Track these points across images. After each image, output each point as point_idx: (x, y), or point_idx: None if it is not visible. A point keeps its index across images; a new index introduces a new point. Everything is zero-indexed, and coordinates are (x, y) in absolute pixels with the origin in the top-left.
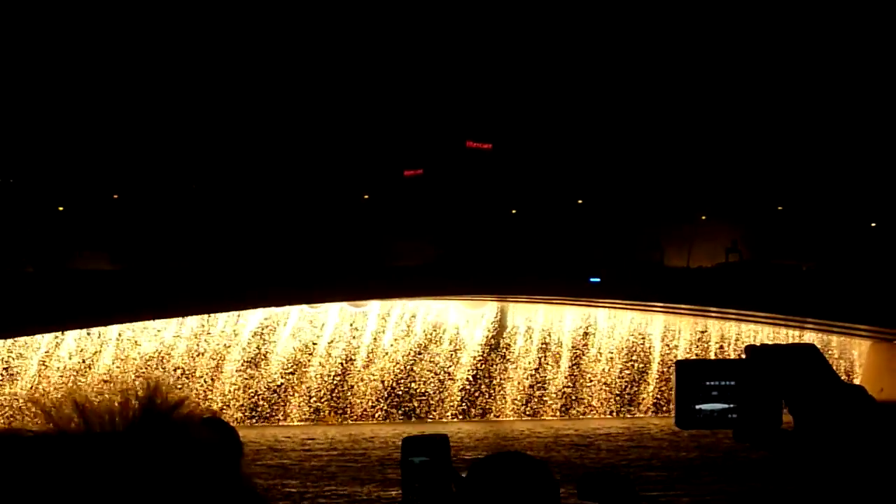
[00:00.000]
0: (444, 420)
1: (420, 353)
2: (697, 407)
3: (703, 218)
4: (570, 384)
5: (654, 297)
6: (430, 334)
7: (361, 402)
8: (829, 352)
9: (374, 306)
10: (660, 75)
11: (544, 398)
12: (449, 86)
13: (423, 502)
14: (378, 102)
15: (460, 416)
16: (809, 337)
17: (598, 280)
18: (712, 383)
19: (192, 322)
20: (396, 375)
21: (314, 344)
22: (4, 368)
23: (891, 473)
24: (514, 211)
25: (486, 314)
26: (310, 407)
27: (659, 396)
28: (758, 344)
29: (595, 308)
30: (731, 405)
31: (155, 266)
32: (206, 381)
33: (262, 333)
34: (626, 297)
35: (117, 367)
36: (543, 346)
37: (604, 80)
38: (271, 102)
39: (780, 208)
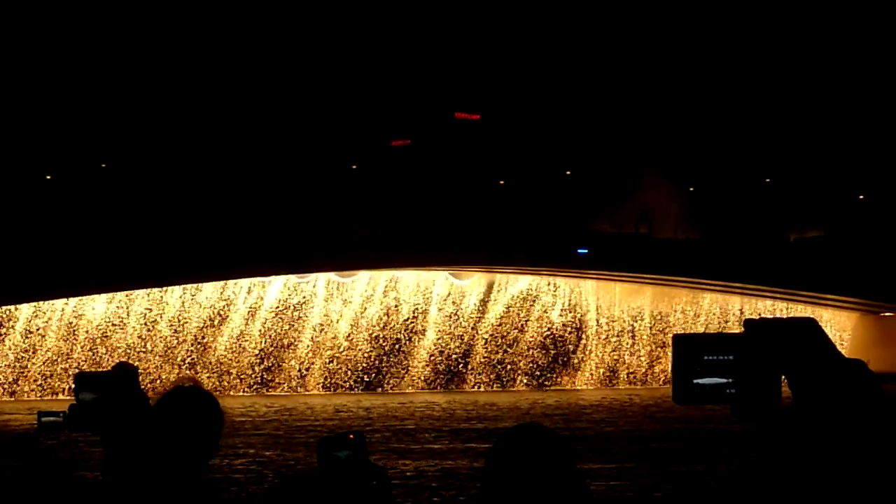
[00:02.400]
0: (413, 391)
1: (399, 325)
2: (695, 382)
3: (691, 189)
4: (552, 355)
5: (643, 269)
6: (417, 305)
7: (346, 373)
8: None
9: (361, 276)
10: (647, 47)
11: (518, 369)
12: (437, 56)
13: (346, 497)
14: (366, 72)
15: (433, 387)
16: (798, 310)
17: (586, 251)
18: (710, 358)
19: (177, 291)
20: (376, 346)
21: (301, 313)
22: None
23: (889, 448)
24: (502, 182)
25: (472, 285)
26: (299, 376)
27: (645, 368)
28: (756, 318)
29: (583, 279)
30: (730, 380)
31: (138, 236)
32: (194, 350)
33: (249, 303)
34: (615, 268)
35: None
36: (527, 316)
37: (591, 52)
38: (260, 72)
39: (767, 180)
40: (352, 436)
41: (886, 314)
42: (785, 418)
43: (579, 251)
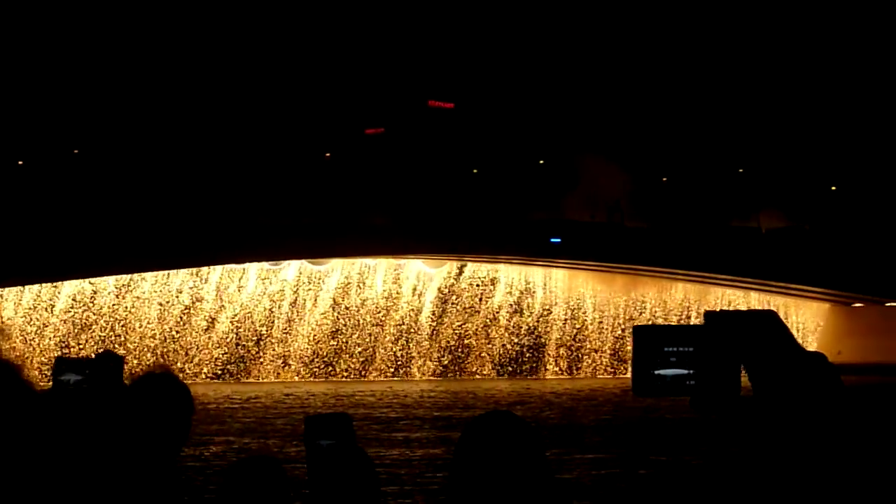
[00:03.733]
0: (382, 379)
1: (370, 312)
2: (655, 373)
3: (665, 180)
4: (521, 344)
5: (616, 259)
6: (387, 293)
7: (319, 361)
8: (788, 317)
9: (333, 264)
10: (621, 34)
11: (487, 358)
12: (411, 44)
13: (330, 484)
14: (339, 60)
15: (390, 375)
16: (770, 300)
17: (559, 240)
18: (670, 349)
19: (149, 278)
20: (346, 334)
21: (275, 301)
22: None
23: (849, 441)
24: (475, 170)
25: (443, 274)
26: (274, 363)
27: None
28: (716, 309)
29: (555, 268)
30: (690, 371)
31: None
32: (174, 337)
33: (220, 291)
34: (587, 258)
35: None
36: (493, 305)
37: (565, 39)
38: (233, 62)
39: (741, 171)
40: (337, 418)
41: (857, 305)
42: (744, 411)
43: (552, 240)
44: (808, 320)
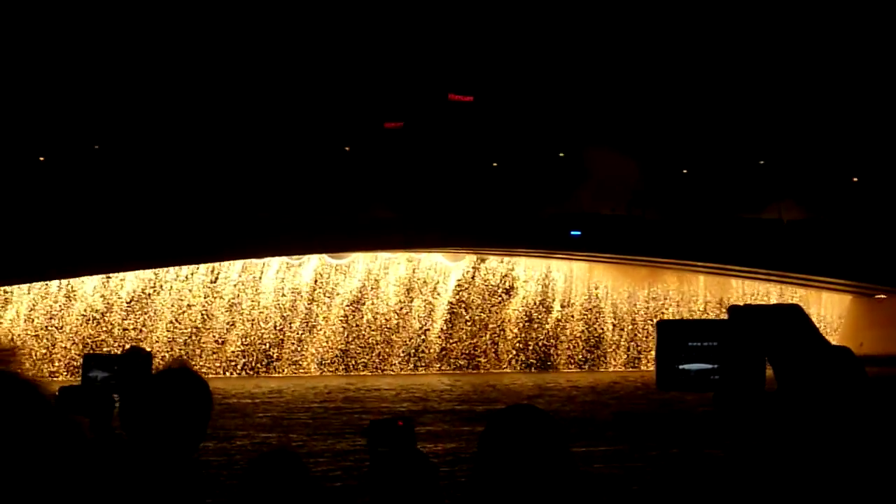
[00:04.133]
0: (397, 374)
1: (379, 331)
2: (679, 368)
3: (685, 172)
4: (540, 338)
5: (636, 251)
6: (405, 286)
7: (339, 355)
8: (809, 310)
9: (352, 258)
10: (638, 25)
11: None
12: (431, 37)
13: (389, 488)
14: (359, 54)
15: (412, 368)
16: (791, 292)
17: (579, 233)
18: (694, 344)
19: (172, 273)
20: (348, 356)
21: (285, 319)
22: None
23: (876, 437)
24: (494, 164)
25: (462, 267)
26: (295, 357)
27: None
28: (740, 304)
29: (575, 262)
30: (714, 366)
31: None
32: (193, 334)
33: (240, 286)
34: (607, 250)
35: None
36: (514, 298)
37: (585, 32)
38: (253, 57)
39: (761, 162)
40: (401, 422)
41: (880, 296)
42: (769, 405)
43: (572, 233)
44: (831, 313)
